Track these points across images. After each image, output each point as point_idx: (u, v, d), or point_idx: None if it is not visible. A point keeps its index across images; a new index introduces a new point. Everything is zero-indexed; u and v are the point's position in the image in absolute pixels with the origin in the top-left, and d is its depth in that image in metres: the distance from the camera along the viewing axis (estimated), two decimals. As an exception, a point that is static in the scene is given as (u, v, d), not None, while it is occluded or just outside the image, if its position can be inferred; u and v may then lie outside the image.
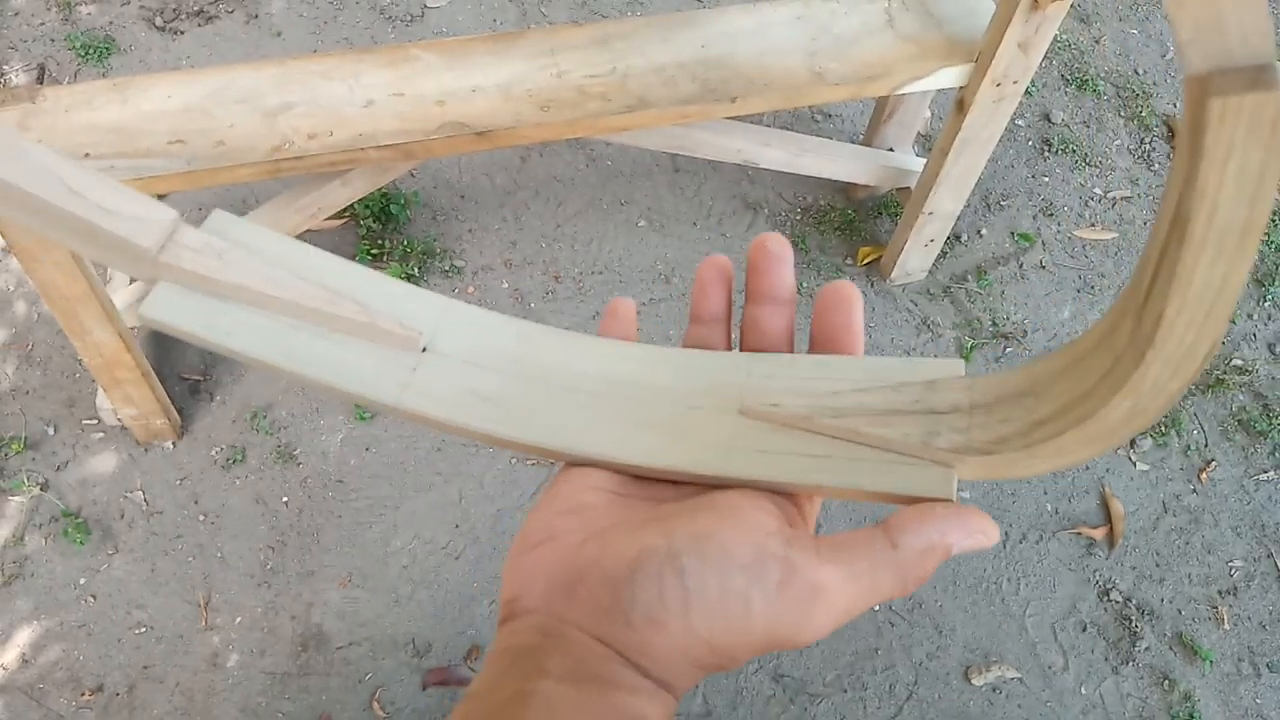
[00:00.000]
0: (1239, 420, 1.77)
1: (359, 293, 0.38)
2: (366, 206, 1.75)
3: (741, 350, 0.40)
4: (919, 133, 1.90)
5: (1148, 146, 2.06)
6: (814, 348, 0.38)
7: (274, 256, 0.38)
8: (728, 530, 0.31)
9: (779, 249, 0.38)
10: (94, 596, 1.48)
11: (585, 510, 0.35)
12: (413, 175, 1.84)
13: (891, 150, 1.78)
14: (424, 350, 0.38)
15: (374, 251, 1.74)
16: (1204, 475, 1.71)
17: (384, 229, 1.78)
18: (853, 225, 1.89)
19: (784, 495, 0.35)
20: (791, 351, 0.39)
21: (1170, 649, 1.55)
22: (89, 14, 2.02)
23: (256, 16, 2.05)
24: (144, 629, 1.47)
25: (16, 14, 2.00)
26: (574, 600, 0.32)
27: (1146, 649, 1.55)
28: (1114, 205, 1.98)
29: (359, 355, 0.37)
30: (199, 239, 0.37)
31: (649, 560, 0.31)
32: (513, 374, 0.38)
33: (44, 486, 1.55)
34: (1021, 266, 1.89)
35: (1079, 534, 1.63)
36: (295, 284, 0.37)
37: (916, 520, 0.32)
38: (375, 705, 1.44)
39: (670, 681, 0.31)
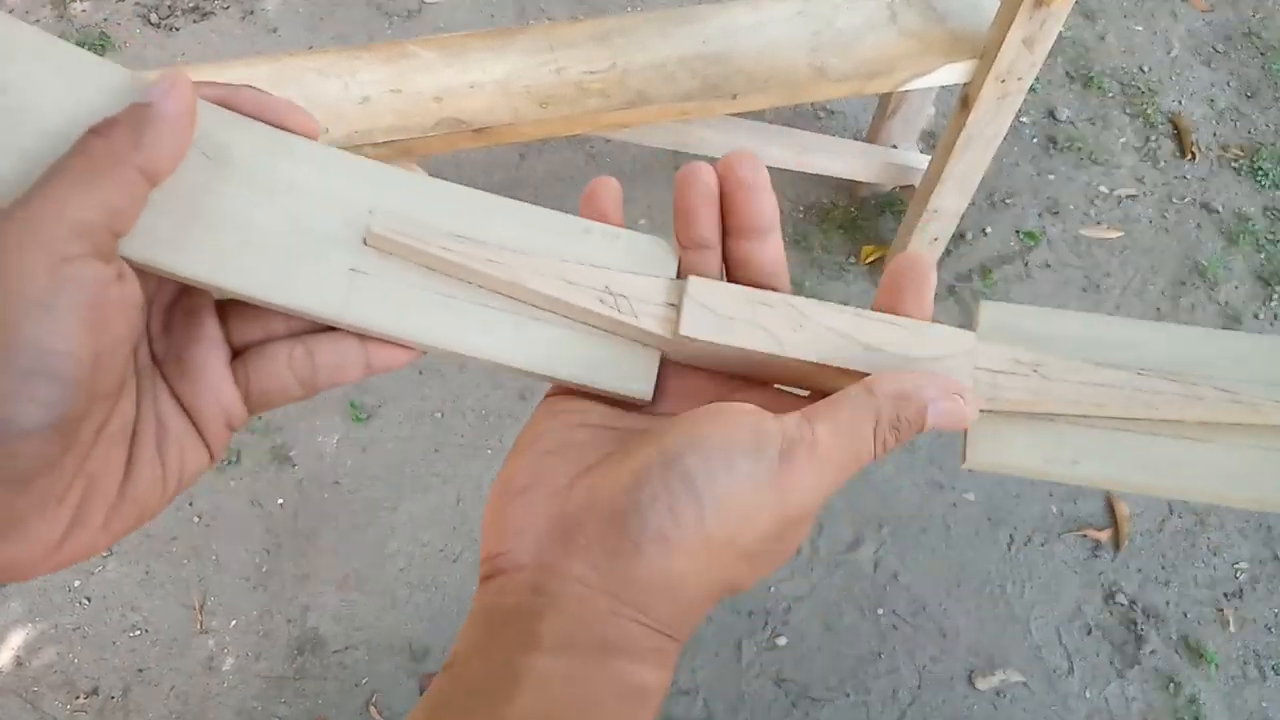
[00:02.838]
0: (1245, 421, 1.75)
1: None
2: (364, 204, 1.74)
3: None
4: (923, 129, 1.88)
5: (1153, 144, 2.04)
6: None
7: (1074, 345, 0.33)
8: (718, 424, 0.30)
9: (753, 177, 0.35)
10: (88, 599, 1.47)
11: (571, 449, 0.32)
12: (410, 173, 1.82)
13: (895, 147, 1.76)
14: None
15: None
16: (1210, 476, 1.70)
17: (381, 227, 1.76)
18: (856, 223, 1.87)
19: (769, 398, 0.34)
20: (787, 275, 0.37)
21: (1176, 652, 1.54)
22: (84, 10, 2.01)
23: (252, 12, 2.03)
24: (139, 632, 1.45)
25: (11, 11, 1.98)
26: (571, 550, 0.29)
27: (1152, 652, 1.53)
28: (1120, 203, 1.96)
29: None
30: (1003, 358, 0.32)
31: (647, 476, 0.29)
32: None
33: (37, 488, 1.53)
34: (1027, 265, 1.88)
35: (1084, 536, 1.62)
36: (1127, 389, 0.32)
37: (891, 373, 0.32)
38: (372, 709, 1.42)
39: (676, 627, 0.30)
